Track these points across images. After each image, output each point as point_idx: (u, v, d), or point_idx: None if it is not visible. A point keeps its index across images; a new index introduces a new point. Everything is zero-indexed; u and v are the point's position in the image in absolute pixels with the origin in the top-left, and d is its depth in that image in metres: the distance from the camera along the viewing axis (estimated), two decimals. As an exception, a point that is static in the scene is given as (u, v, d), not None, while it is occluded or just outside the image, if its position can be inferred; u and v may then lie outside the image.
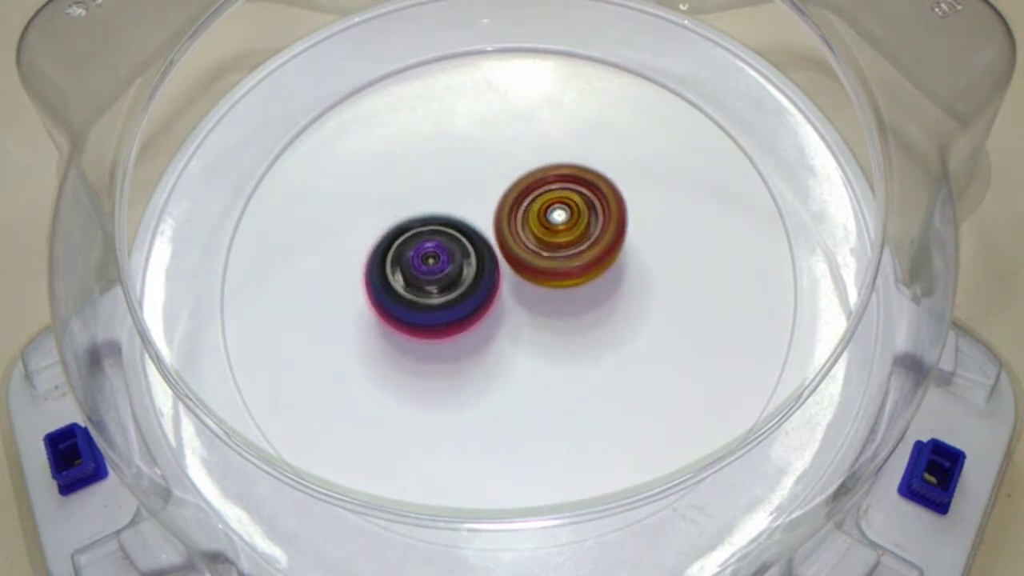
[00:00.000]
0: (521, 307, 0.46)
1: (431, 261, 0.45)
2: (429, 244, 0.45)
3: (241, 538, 0.43)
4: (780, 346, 0.45)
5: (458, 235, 0.45)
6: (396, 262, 0.45)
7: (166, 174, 0.50)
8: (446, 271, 0.44)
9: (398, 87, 0.51)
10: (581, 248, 0.45)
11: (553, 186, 0.46)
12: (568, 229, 0.45)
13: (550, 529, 0.42)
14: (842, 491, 0.42)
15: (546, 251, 0.45)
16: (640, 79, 0.51)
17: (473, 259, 0.45)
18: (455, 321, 0.45)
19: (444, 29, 0.52)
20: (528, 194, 0.46)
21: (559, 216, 0.45)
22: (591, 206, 0.46)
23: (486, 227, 0.46)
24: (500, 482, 0.44)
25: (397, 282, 0.45)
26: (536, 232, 0.45)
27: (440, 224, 0.45)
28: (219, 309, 0.47)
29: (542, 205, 0.46)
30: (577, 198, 0.46)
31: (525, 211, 0.46)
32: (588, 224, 0.45)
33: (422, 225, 0.45)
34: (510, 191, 0.46)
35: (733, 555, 0.42)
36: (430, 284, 0.44)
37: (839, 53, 0.46)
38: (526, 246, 0.45)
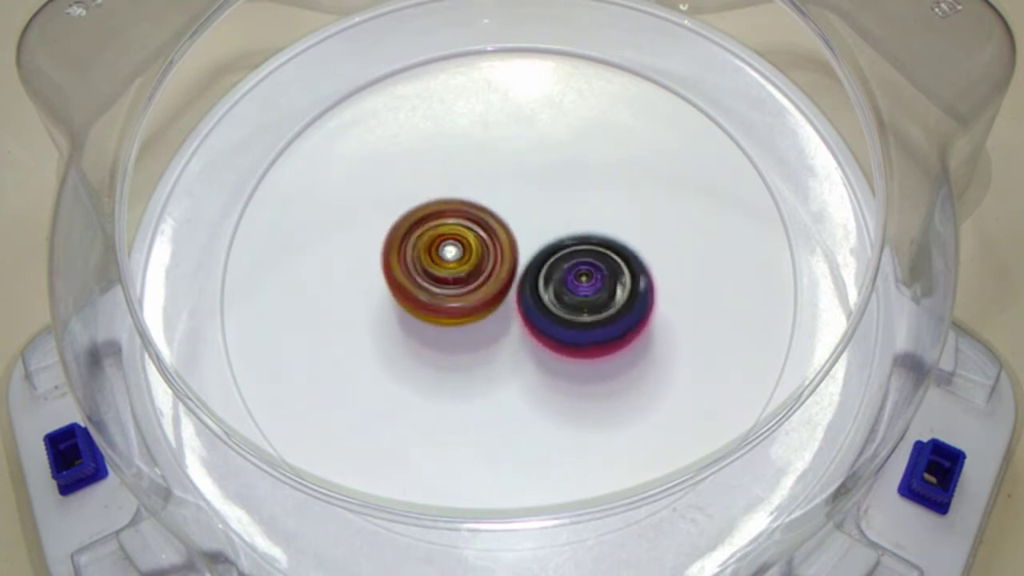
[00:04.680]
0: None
1: (584, 280, 0.44)
2: (584, 264, 0.44)
3: (241, 538, 0.43)
4: (780, 346, 0.45)
5: (616, 258, 0.44)
6: (549, 278, 0.44)
7: (166, 174, 0.50)
8: (598, 292, 0.44)
9: (398, 87, 0.51)
10: (467, 289, 0.45)
11: (449, 220, 0.46)
12: (457, 266, 0.45)
13: (550, 529, 0.42)
14: (842, 491, 0.42)
15: (432, 284, 0.45)
16: (640, 79, 0.51)
17: (628, 282, 0.44)
18: (603, 342, 0.44)
19: (444, 29, 0.52)
20: (422, 224, 0.45)
21: (450, 252, 0.45)
22: (484, 247, 0.45)
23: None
24: (500, 482, 0.44)
25: (548, 296, 0.44)
26: (424, 264, 0.45)
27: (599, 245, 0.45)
28: (219, 309, 0.47)
29: (434, 238, 0.45)
30: (472, 237, 0.45)
31: (416, 241, 0.45)
32: (479, 264, 0.45)
33: (578, 244, 0.45)
34: (403, 220, 0.46)
35: (733, 555, 0.42)
36: (580, 303, 0.44)
37: (839, 53, 0.46)
38: (412, 276, 0.45)
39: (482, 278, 0.45)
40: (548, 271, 0.45)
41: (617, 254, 0.45)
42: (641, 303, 0.44)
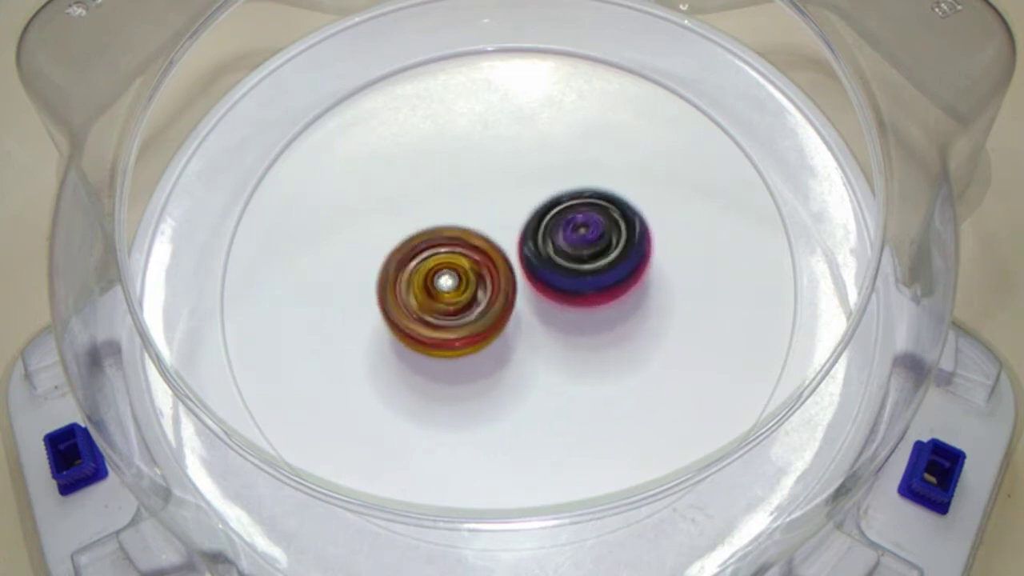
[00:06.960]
0: (522, 309, 0.46)
1: (582, 231, 0.45)
2: (580, 216, 0.45)
3: (241, 538, 0.43)
4: (780, 346, 0.45)
5: (611, 208, 0.45)
6: (548, 232, 0.45)
7: (166, 174, 0.50)
8: (596, 240, 0.45)
9: (398, 87, 0.51)
10: (465, 319, 0.44)
11: (443, 249, 0.45)
12: (454, 297, 0.44)
13: (550, 529, 0.42)
14: (842, 491, 0.42)
15: (429, 317, 0.44)
16: (640, 79, 0.51)
17: (624, 231, 0.45)
18: (606, 288, 0.45)
19: (444, 29, 0.52)
20: (416, 255, 0.45)
21: (446, 282, 0.44)
22: (479, 275, 0.45)
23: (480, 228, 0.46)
24: (500, 482, 0.44)
25: (548, 249, 0.45)
26: (419, 298, 0.44)
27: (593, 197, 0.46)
28: (219, 309, 0.47)
29: (429, 269, 0.45)
30: (466, 264, 0.45)
31: (411, 273, 0.45)
32: (475, 294, 0.44)
33: (574, 198, 0.46)
34: (395, 251, 0.45)
35: (733, 555, 0.42)
36: (581, 251, 0.45)
37: (839, 53, 0.46)
38: (408, 311, 0.44)
39: (484, 303, 0.44)
40: (547, 227, 0.45)
41: (611, 203, 0.45)
42: (639, 245, 0.45)
